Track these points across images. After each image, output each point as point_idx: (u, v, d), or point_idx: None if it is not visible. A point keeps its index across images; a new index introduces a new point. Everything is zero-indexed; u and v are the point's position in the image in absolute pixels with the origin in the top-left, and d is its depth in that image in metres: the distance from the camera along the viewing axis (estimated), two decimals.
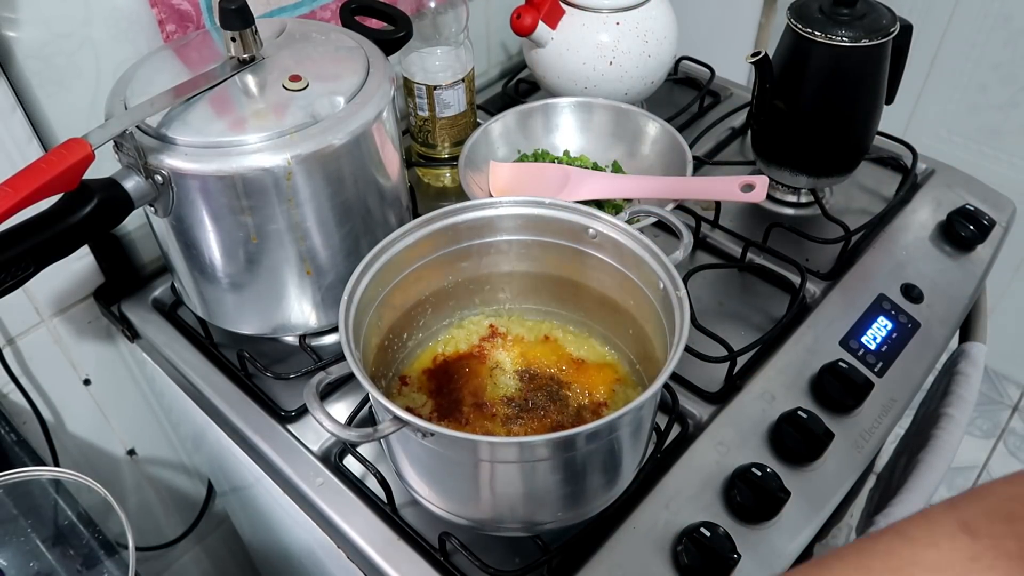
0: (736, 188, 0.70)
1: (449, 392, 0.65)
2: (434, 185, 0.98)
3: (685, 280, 0.59)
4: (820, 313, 0.79)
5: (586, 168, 0.87)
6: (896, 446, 1.00)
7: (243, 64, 0.65)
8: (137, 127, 0.60)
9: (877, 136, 0.92)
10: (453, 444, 0.51)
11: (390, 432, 0.49)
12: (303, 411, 0.71)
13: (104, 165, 0.58)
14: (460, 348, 0.69)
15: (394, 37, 0.74)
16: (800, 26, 0.80)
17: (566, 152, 0.92)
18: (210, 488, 1.10)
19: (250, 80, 0.64)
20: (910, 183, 0.94)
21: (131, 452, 1.00)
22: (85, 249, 0.80)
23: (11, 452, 0.76)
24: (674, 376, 0.65)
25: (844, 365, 0.72)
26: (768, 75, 0.83)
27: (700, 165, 0.97)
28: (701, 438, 0.68)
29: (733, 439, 0.68)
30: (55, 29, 0.69)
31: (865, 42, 0.78)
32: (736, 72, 1.17)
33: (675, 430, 0.68)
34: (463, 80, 0.90)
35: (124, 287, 0.84)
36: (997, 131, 1.61)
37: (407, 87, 0.91)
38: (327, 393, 0.73)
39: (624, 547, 0.61)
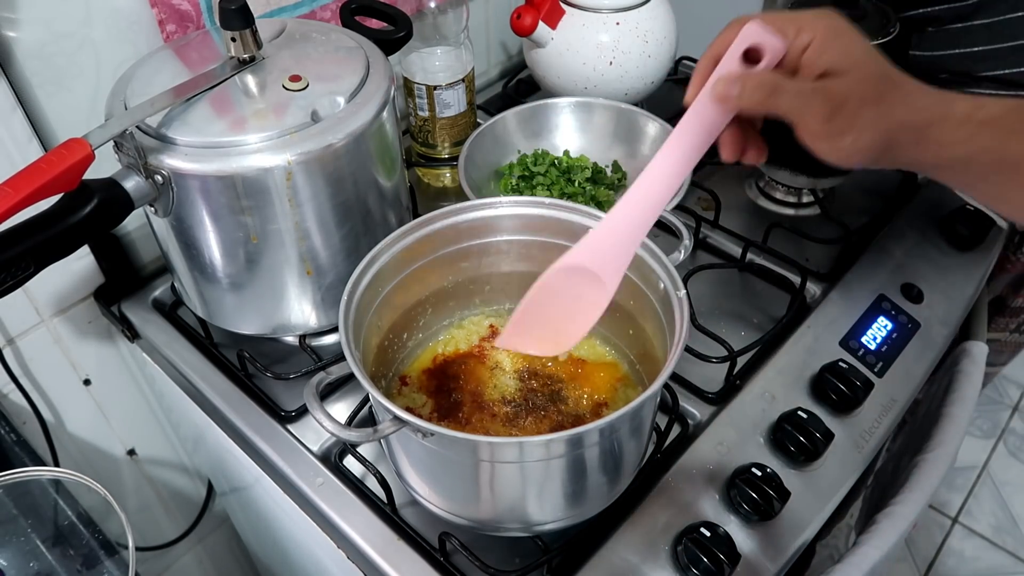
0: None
1: (449, 392, 0.65)
2: (434, 185, 0.98)
3: (685, 280, 0.59)
4: (820, 313, 0.79)
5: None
6: (896, 445, 1.00)
7: (243, 64, 0.65)
8: (137, 127, 0.60)
9: None
10: (453, 444, 0.51)
11: (390, 432, 0.49)
12: (303, 411, 0.71)
13: (104, 165, 0.58)
14: (460, 348, 0.69)
15: (394, 37, 0.74)
16: None
17: (566, 152, 0.92)
18: (210, 488, 1.10)
19: (250, 80, 0.64)
20: (911, 183, 0.94)
21: (131, 452, 1.00)
22: (85, 249, 0.80)
23: (11, 452, 0.76)
24: (674, 376, 0.65)
25: (844, 365, 0.72)
26: None
27: (700, 165, 0.96)
28: (701, 438, 0.68)
29: (733, 439, 0.68)
30: (55, 29, 0.69)
31: None
32: None
33: (675, 430, 0.68)
34: (463, 80, 0.90)
35: (124, 287, 0.84)
36: None
37: (407, 87, 0.91)
38: (327, 393, 0.73)
39: (624, 547, 0.61)
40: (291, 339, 0.77)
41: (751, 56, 0.47)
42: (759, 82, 0.45)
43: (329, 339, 0.78)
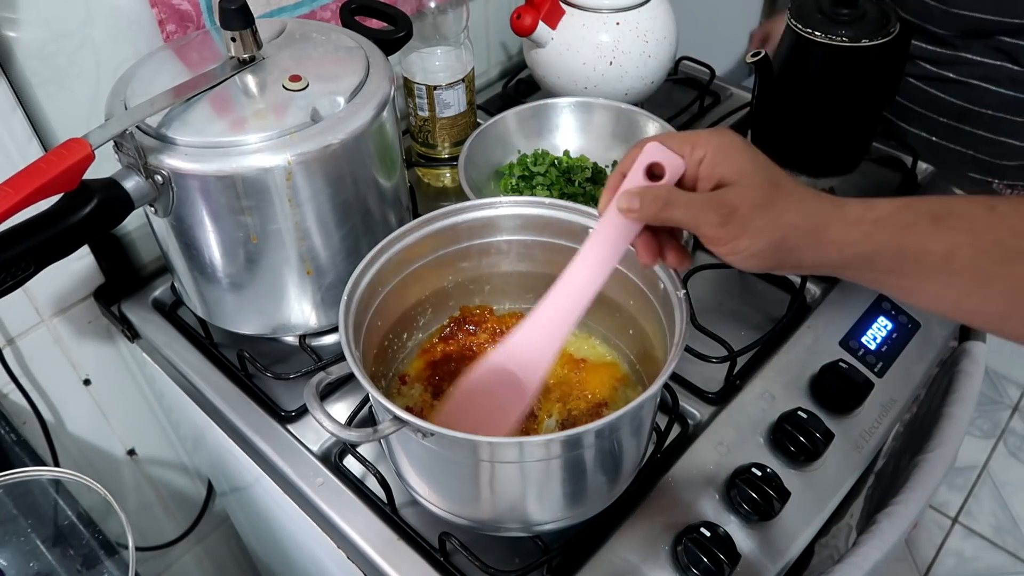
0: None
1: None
2: (434, 185, 0.98)
3: (685, 280, 0.59)
4: (820, 313, 0.79)
5: None
6: (896, 445, 1.00)
7: (243, 64, 0.65)
8: (137, 127, 0.60)
9: (877, 136, 0.92)
10: (453, 444, 0.51)
11: (390, 432, 0.49)
12: (303, 411, 0.71)
13: (104, 165, 0.58)
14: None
15: (394, 37, 0.74)
16: (800, 26, 0.80)
17: (566, 152, 0.92)
18: (210, 488, 1.10)
19: (250, 80, 0.64)
20: (911, 182, 0.94)
21: (131, 452, 1.00)
22: (85, 249, 0.80)
23: (11, 452, 0.76)
24: (674, 376, 0.65)
25: (844, 365, 0.72)
26: (768, 75, 0.83)
27: None
28: (701, 438, 0.68)
29: (733, 439, 0.68)
30: (55, 29, 0.69)
31: (865, 42, 0.78)
32: (736, 72, 1.17)
33: (675, 430, 0.68)
34: (463, 80, 0.90)
35: (124, 287, 0.84)
36: None
37: (407, 87, 0.91)
38: (327, 393, 0.72)
39: (624, 547, 0.61)
40: (291, 339, 0.77)
41: (656, 172, 0.50)
42: (654, 196, 0.48)
43: (329, 339, 0.78)
